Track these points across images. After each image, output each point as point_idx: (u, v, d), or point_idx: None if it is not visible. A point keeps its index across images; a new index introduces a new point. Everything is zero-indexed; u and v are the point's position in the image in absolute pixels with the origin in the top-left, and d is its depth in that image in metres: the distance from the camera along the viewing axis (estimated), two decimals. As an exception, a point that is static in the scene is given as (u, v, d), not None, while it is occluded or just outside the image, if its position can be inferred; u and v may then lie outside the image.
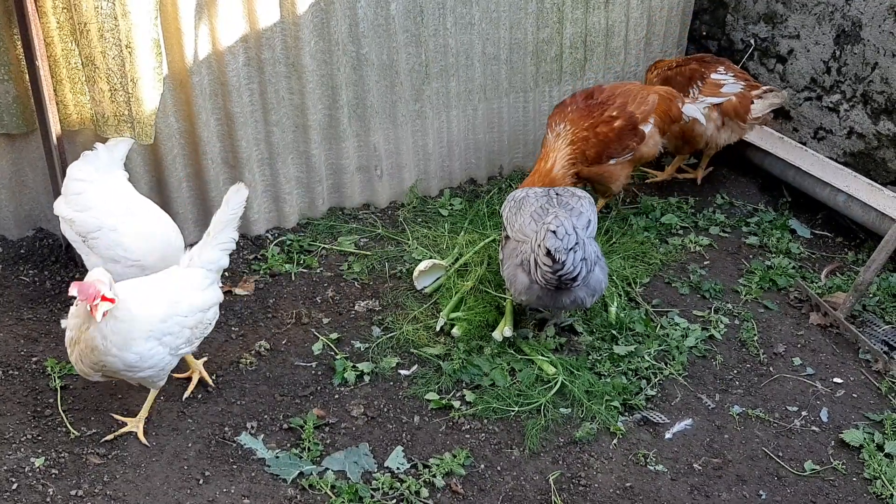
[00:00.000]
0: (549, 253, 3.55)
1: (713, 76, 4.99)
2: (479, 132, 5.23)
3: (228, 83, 4.29)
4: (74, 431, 3.45)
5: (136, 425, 3.47)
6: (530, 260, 3.70)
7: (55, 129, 4.00)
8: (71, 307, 3.28)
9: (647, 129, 4.64)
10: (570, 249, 3.58)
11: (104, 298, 3.04)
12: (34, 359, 3.78)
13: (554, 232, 3.57)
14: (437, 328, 4.14)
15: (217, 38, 4.18)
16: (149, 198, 4.19)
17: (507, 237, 3.99)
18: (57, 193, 4.02)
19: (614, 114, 4.55)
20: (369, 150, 4.89)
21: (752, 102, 4.96)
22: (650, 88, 4.76)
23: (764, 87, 5.03)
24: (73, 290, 3.03)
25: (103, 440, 3.41)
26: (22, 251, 4.40)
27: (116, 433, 3.44)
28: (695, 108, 4.87)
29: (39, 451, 3.36)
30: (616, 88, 4.67)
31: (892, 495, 3.43)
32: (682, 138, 5.07)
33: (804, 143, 5.38)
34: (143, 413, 3.49)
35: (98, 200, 3.86)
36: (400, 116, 4.87)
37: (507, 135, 5.30)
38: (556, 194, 4.02)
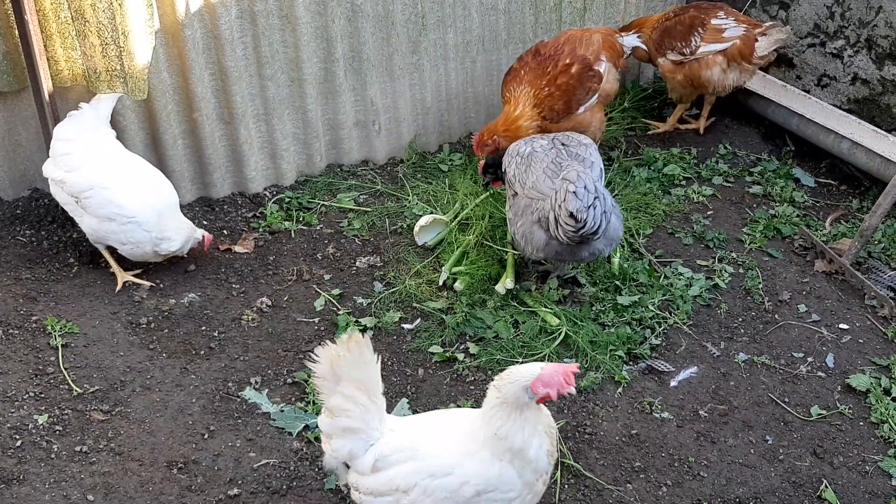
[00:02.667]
0: (572, 215, 3.52)
1: (714, 21, 4.90)
2: (478, 85, 5.14)
3: (221, 36, 4.20)
4: (77, 389, 3.43)
5: None
6: (549, 217, 3.65)
7: (47, 85, 3.93)
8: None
9: (602, 67, 4.61)
10: (591, 206, 3.54)
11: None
12: (34, 318, 3.75)
13: (574, 193, 3.53)
14: (440, 282, 4.11)
15: (209, -11, 4.09)
16: (144, 156, 4.15)
17: (515, 194, 3.92)
18: (51, 152, 3.96)
19: (568, 61, 4.49)
20: (366, 104, 4.81)
21: (757, 41, 4.88)
22: (591, 30, 4.72)
23: (767, 24, 4.95)
24: (540, 389, 2.46)
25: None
26: (18, 211, 4.35)
27: None
28: (632, 38, 4.87)
29: (42, 408, 3.34)
30: (559, 38, 4.62)
31: (898, 438, 3.43)
32: (690, 84, 5.00)
33: (808, 91, 5.31)
34: None
35: (87, 159, 3.82)
36: (397, 69, 4.79)
37: (506, 87, 5.22)
38: (563, 144, 3.95)
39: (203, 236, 4.04)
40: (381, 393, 2.64)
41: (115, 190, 3.80)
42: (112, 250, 4.00)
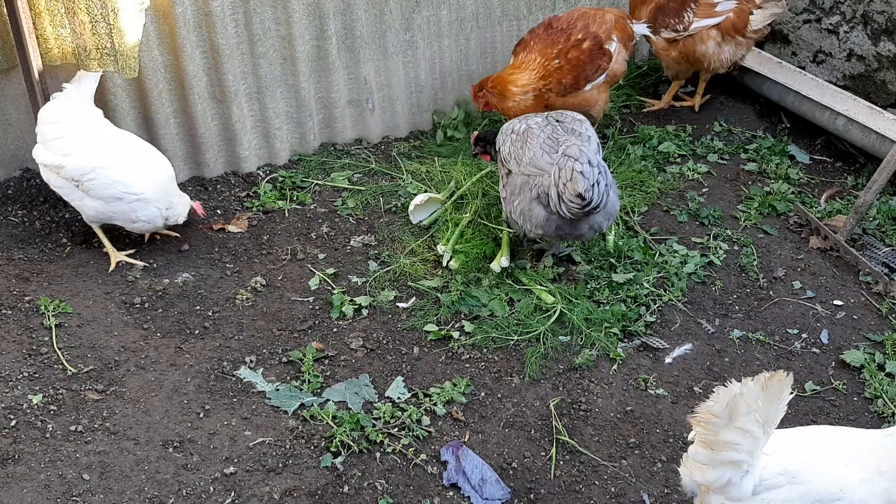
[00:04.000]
0: (580, 195, 3.51)
1: None
2: (472, 62, 5.11)
3: (213, 13, 4.16)
4: (71, 368, 3.42)
5: None
6: (551, 193, 3.64)
7: (36, 64, 3.89)
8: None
9: (613, 46, 4.57)
10: (595, 183, 3.54)
11: None
12: (27, 298, 3.73)
13: (581, 173, 3.51)
14: (445, 263, 4.08)
15: (199, -35, 4.04)
16: (136, 135, 4.11)
17: (509, 172, 3.90)
18: (42, 132, 3.92)
19: (580, 36, 4.45)
20: (360, 82, 4.78)
21: (751, 13, 4.86)
22: (604, 9, 4.70)
23: None
24: None
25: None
26: (9, 191, 4.32)
27: None
28: (642, 28, 4.85)
29: (37, 388, 3.33)
30: (573, 14, 4.58)
31: (893, 414, 3.43)
32: (685, 60, 4.97)
33: (803, 68, 5.28)
34: None
35: (82, 141, 3.78)
36: (390, 47, 4.75)
37: (500, 65, 5.16)
38: (557, 121, 3.92)
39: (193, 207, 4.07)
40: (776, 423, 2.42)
41: (119, 168, 3.78)
42: (106, 230, 3.98)
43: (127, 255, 4.00)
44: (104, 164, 3.76)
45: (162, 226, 3.96)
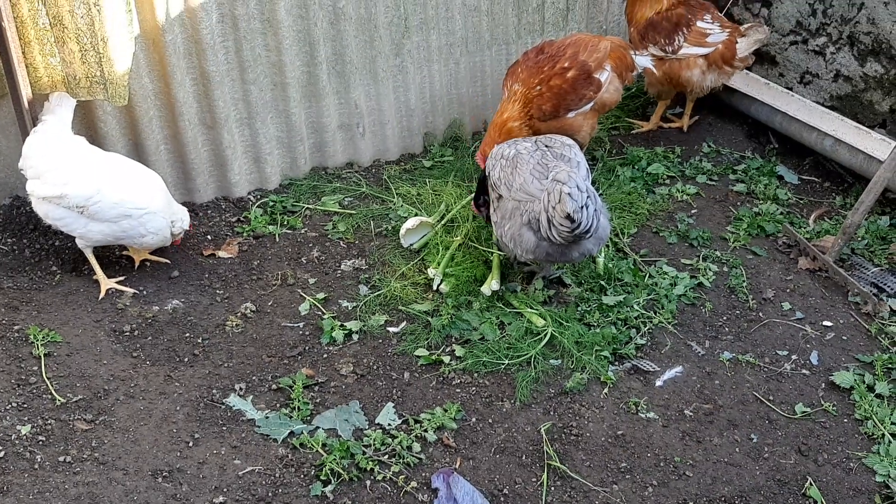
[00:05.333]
0: (569, 216, 3.51)
1: (699, 24, 4.91)
2: (462, 86, 5.14)
3: (202, 41, 4.18)
4: (60, 398, 3.41)
5: None
6: (541, 219, 3.65)
7: (26, 92, 3.90)
8: None
9: (604, 76, 4.53)
10: (584, 206, 3.54)
11: None
12: (16, 327, 3.72)
13: (570, 194, 3.53)
14: (435, 287, 4.09)
15: (189, -6, 4.07)
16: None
17: (500, 196, 3.91)
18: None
19: (566, 65, 4.43)
20: (350, 107, 4.80)
21: (737, 42, 4.90)
22: (601, 37, 4.68)
23: (746, 25, 4.97)
24: None
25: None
26: (-1, 220, 4.33)
27: None
28: (644, 60, 4.83)
29: (25, 418, 3.31)
30: (566, 40, 4.56)
31: (883, 435, 3.44)
32: (669, 82, 5.01)
33: (790, 89, 5.33)
34: None
35: (77, 166, 3.78)
36: (380, 72, 4.78)
37: (490, 89, 5.22)
38: (546, 146, 3.94)
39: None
40: None
41: (121, 187, 3.81)
42: (96, 256, 3.97)
43: (117, 283, 4.00)
44: (106, 185, 3.77)
45: (169, 236, 4.00)
